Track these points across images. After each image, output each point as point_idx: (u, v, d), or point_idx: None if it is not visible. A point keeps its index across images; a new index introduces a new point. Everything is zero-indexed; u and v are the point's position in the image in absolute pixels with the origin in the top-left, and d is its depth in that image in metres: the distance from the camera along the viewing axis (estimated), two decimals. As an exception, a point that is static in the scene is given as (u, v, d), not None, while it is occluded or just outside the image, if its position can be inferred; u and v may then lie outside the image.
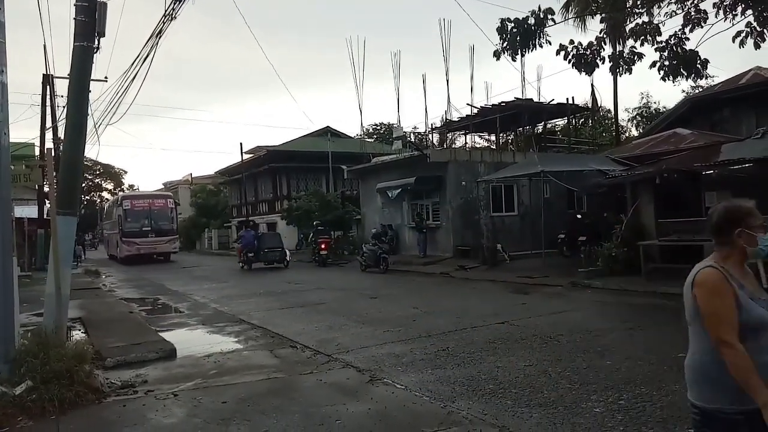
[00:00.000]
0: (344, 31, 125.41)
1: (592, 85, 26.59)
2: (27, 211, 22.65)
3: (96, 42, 6.22)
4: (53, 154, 8.13)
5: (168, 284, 16.14)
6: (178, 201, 36.71)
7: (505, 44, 10.60)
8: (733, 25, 9.66)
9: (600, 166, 14.76)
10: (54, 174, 6.49)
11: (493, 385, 5.03)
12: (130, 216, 27.43)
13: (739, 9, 9.48)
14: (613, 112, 29.23)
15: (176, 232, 29.35)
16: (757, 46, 9.66)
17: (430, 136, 30.84)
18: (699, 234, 11.24)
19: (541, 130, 27.59)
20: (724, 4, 9.52)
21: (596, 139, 30.72)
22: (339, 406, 4.62)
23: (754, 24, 9.59)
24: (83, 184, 33.28)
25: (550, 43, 10.99)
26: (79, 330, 8.43)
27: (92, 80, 6.73)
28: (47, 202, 24.28)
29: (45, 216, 22.90)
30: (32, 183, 10.58)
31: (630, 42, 11.80)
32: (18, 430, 4.25)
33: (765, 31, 9.59)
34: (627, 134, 34.40)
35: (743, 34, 9.67)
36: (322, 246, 20.77)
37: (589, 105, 28.20)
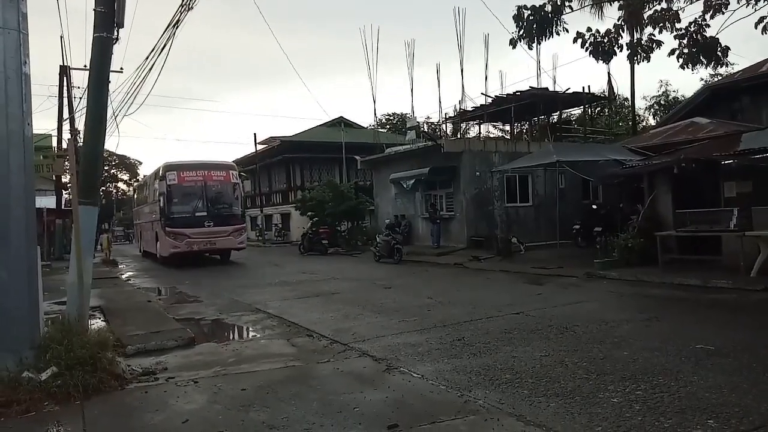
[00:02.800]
0: (358, 20, 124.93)
1: (608, 73, 26.37)
2: (45, 201, 22.98)
3: (115, 33, 6.27)
4: (72, 145, 8.26)
5: (182, 274, 16.32)
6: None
7: (521, 32, 10.57)
8: (755, 11, 9.51)
9: (616, 155, 14.61)
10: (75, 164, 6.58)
11: (510, 374, 5.05)
12: (176, 195, 18.60)
13: (762, -5, 9.29)
14: (630, 101, 28.85)
15: (243, 220, 20.56)
16: (780, 33, 9.48)
17: (443, 126, 30.70)
18: (717, 225, 11.14)
19: (556, 120, 27.34)
20: (747, -10, 9.34)
21: (612, 129, 30.39)
22: (356, 394, 4.67)
23: (778, 10, 9.41)
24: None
25: (567, 31, 10.98)
26: (99, 318, 8.59)
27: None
28: (65, 192, 24.74)
29: (63, 206, 23.33)
30: (53, 173, 10.74)
31: (648, 29, 11.72)
32: (45, 415, 4.36)
33: (789, 17, 9.41)
34: (644, 123, 33.98)
35: (766, 20, 9.50)
36: (323, 236, 22.64)
37: (606, 93, 27.85)
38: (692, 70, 10.80)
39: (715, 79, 22.88)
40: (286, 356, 6.13)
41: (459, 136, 27.56)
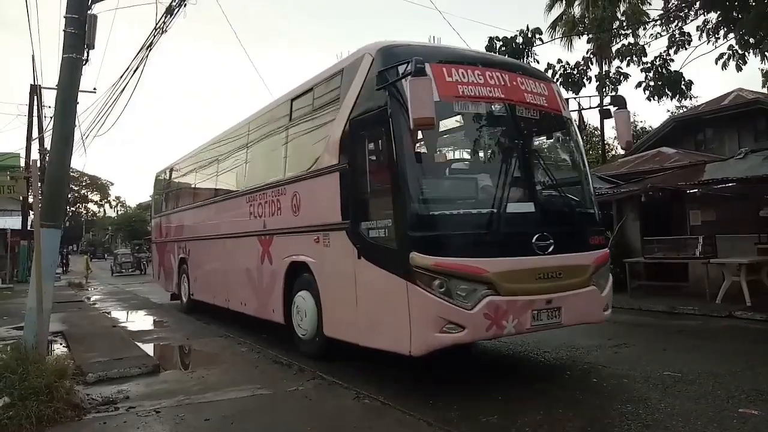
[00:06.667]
0: (335, 45, 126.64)
1: (579, 103, 26.91)
2: (10, 222, 22.36)
3: (85, 54, 6.21)
4: (39, 165, 8.07)
5: (152, 297, 15.90)
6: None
7: (493, 62, 10.76)
8: (716, 47, 9.92)
9: (586, 183, 14.87)
10: (39, 186, 6.42)
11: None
12: (440, 148, 5.70)
13: (722, 32, 9.73)
14: (599, 130, 29.62)
15: (603, 230, 6.32)
16: (738, 69, 9.92)
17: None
18: (683, 252, 11.40)
19: (528, 147, 27.78)
20: (707, 27, 9.78)
21: (583, 157, 30.94)
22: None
23: (736, 47, 9.85)
24: (69, 196, 31.39)
25: (538, 62, 11.25)
26: (60, 344, 8.28)
27: (80, 91, 6.71)
28: (31, 213, 24.08)
29: (29, 227, 22.68)
30: (17, 194, 10.46)
31: (616, 62, 12.12)
32: (-7, 448, 4.15)
33: (746, 54, 9.85)
34: (613, 152, 34.83)
35: (725, 57, 9.93)
36: None
37: (576, 123, 28.51)
38: (658, 102, 11.16)
39: (681, 111, 23.72)
40: (253, 384, 5.97)
41: (434, 162, 27.75)
